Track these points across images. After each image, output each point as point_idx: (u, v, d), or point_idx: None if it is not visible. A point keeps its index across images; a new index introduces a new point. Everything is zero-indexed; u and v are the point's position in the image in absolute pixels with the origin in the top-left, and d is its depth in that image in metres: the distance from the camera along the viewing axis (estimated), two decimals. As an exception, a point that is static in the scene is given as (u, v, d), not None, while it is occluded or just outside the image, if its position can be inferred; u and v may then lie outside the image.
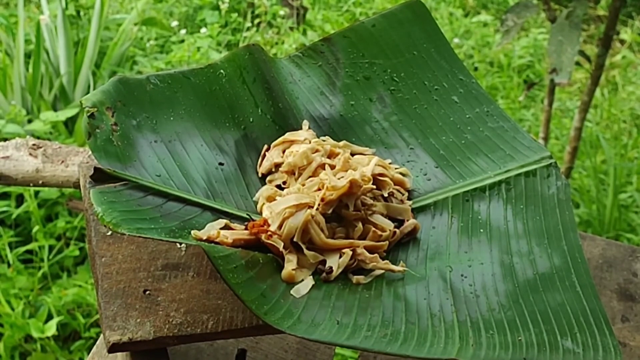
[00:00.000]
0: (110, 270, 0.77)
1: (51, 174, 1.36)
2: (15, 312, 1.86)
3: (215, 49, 3.16)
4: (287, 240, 0.76)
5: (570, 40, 1.78)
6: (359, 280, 0.76)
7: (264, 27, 3.44)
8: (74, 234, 2.14)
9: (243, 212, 0.81)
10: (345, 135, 0.94)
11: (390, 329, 0.70)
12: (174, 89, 0.87)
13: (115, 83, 0.83)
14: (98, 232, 0.80)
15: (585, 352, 0.72)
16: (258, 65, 0.93)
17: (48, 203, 2.19)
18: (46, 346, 1.85)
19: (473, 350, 0.69)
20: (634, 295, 0.94)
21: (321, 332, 0.68)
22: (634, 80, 3.42)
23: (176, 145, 0.84)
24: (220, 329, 0.73)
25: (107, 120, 0.80)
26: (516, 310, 0.75)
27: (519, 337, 0.71)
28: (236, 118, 0.90)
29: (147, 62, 3.05)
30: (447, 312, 0.74)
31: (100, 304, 0.74)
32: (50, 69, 2.75)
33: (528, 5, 1.94)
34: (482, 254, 0.81)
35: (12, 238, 2.11)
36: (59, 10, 2.73)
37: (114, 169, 0.76)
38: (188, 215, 0.77)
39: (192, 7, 3.66)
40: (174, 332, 0.72)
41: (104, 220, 0.69)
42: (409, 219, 0.84)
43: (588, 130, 2.84)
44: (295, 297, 0.72)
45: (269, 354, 0.96)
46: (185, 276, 0.77)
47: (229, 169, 0.86)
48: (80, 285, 1.97)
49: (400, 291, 0.76)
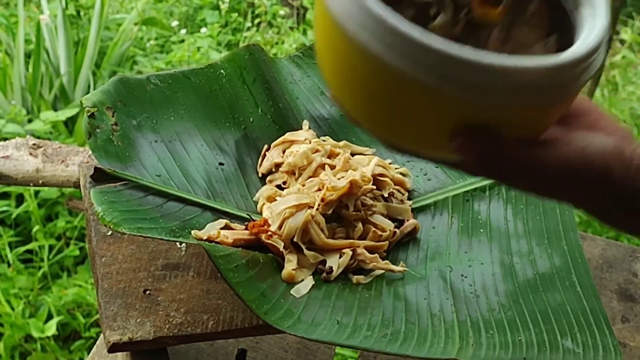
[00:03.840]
0: (110, 270, 0.77)
1: (51, 174, 1.36)
2: (15, 312, 1.86)
3: (215, 49, 3.16)
4: (287, 240, 0.76)
5: (570, 40, 1.78)
6: (359, 280, 0.76)
7: (264, 27, 3.44)
8: (74, 234, 2.14)
9: (243, 212, 0.81)
10: (345, 135, 0.94)
11: (390, 328, 0.70)
12: (174, 89, 0.87)
13: (115, 83, 0.83)
14: (98, 232, 0.80)
15: (585, 352, 0.72)
16: (258, 65, 0.93)
17: (48, 203, 2.19)
18: (46, 346, 1.85)
19: (473, 350, 0.69)
20: (634, 295, 0.94)
21: (321, 332, 0.68)
22: (634, 80, 3.42)
23: (176, 145, 0.84)
24: (220, 329, 0.73)
25: (107, 120, 0.80)
26: (516, 310, 0.75)
27: (519, 337, 0.71)
28: (236, 118, 0.90)
29: (147, 62, 3.04)
30: (447, 312, 0.74)
31: (100, 304, 0.74)
32: (50, 68, 2.75)
33: (528, 5, 1.93)
34: (482, 254, 0.81)
35: (12, 238, 2.11)
36: (59, 10, 2.72)
37: (114, 168, 0.76)
38: (188, 215, 0.77)
39: (192, 7, 3.66)
40: (174, 332, 0.72)
41: (105, 220, 0.69)
42: (409, 219, 0.84)
43: (588, 130, 2.84)
44: (295, 297, 0.72)
45: (269, 354, 0.96)
46: (185, 276, 0.77)
47: (229, 169, 0.86)
48: (80, 285, 1.97)
49: (400, 291, 0.76)
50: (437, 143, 0.46)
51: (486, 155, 0.43)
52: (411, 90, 0.40)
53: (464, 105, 0.40)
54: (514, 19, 0.43)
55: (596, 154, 0.45)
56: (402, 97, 0.42)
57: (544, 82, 0.40)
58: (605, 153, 0.45)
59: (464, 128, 0.42)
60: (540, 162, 0.43)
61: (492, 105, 0.40)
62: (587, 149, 0.45)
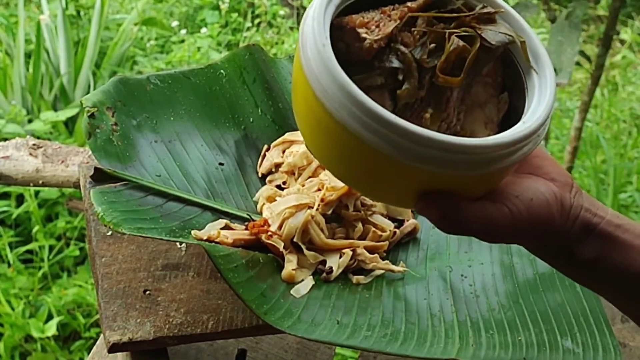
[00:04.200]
0: (110, 270, 0.77)
1: (51, 174, 1.36)
2: (15, 312, 1.86)
3: (215, 49, 3.16)
4: (287, 240, 0.76)
5: (570, 40, 1.79)
6: (359, 280, 0.76)
7: (264, 27, 3.44)
8: (74, 234, 2.14)
9: (243, 212, 0.81)
10: (345, 135, 0.94)
11: (390, 328, 0.70)
12: (174, 89, 0.87)
13: (115, 83, 0.83)
14: (98, 232, 0.80)
15: (585, 352, 0.72)
16: (258, 65, 0.93)
17: (48, 203, 2.19)
18: (46, 346, 1.85)
19: (473, 350, 0.69)
20: (634, 295, 0.94)
21: (321, 332, 0.68)
22: (634, 80, 3.42)
23: (176, 145, 0.84)
24: (220, 329, 0.73)
25: (107, 120, 0.80)
26: (516, 310, 0.75)
27: (519, 337, 0.71)
28: (236, 118, 0.90)
29: (147, 62, 3.05)
30: (447, 312, 0.74)
31: (100, 304, 0.74)
32: (50, 68, 2.75)
33: (528, 5, 1.93)
34: (482, 254, 0.81)
35: (12, 238, 2.11)
36: (59, 10, 2.73)
37: (114, 169, 0.77)
38: (188, 215, 0.78)
39: (193, 7, 3.66)
40: (174, 332, 0.72)
41: (105, 220, 0.69)
42: (409, 219, 0.84)
43: (588, 130, 2.84)
44: (295, 297, 0.72)
45: (269, 354, 0.96)
46: (185, 276, 0.77)
47: (229, 169, 0.86)
48: (80, 285, 1.97)
49: (400, 291, 0.76)
50: (405, 203, 0.53)
51: (445, 216, 0.48)
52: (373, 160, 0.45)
53: (420, 175, 0.45)
54: (472, 79, 0.48)
55: (541, 205, 0.49)
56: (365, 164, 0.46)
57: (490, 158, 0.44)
58: (549, 203, 0.49)
59: (423, 194, 0.47)
60: (494, 220, 0.48)
61: (444, 176, 0.45)
62: (534, 202, 0.49)
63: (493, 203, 0.48)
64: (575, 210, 0.50)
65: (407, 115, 0.46)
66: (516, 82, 0.49)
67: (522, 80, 0.49)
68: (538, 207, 0.48)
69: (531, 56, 0.49)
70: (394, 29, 0.46)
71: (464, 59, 0.46)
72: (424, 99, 0.45)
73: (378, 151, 0.43)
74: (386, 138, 0.42)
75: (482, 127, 0.48)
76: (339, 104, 0.42)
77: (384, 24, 0.46)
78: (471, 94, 0.48)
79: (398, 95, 0.45)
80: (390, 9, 0.47)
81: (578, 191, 0.52)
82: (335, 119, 0.43)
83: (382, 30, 0.46)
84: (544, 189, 0.49)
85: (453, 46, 0.45)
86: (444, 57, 0.45)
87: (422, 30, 0.46)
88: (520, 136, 0.45)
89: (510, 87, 0.50)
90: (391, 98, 0.46)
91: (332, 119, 0.43)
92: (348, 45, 0.46)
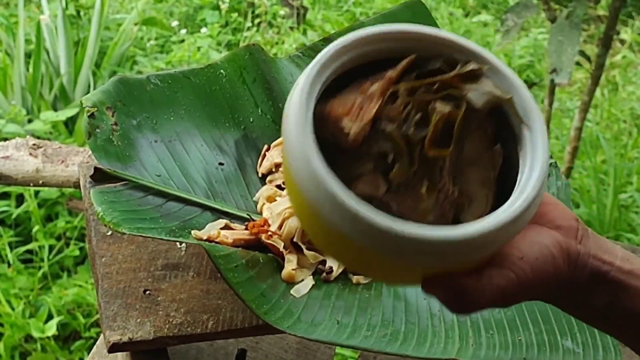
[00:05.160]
0: (110, 270, 0.77)
1: (51, 174, 1.36)
2: (15, 312, 1.86)
3: (215, 49, 3.16)
4: (287, 240, 0.76)
5: (570, 40, 1.79)
6: (359, 280, 0.76)
7: (264, 27, 3.44)
8: (74, 234, 2.14)
9: (243, 212, 0.81)
10: (345, 135, 0.94)
11: (390, 329, 0.70)
12: (174, 89, 0.87)
13: (115, 83, 0.83)
14: (98, 232, 0.80)
15: (585, 352, 0.72)
16: (258, 65, 0.93)
17: (48, 203, 2.19)
18: (46, 346, 1.85)
19: (473, 350, 0.69)
20: (634, 295, 0.94)
21: (321, 332, 0.68)
22: (634, 80, 3.42)
23: (176, 145, 0.84)
24: (220, 329, 0.73)
25: (107, 120, 0.80)
26: (516, 310, 0.75)
27: (519, 337, 0.71)
28: (236, 118, 0.90)
29: (147, 62, 3.05)
30: (447, 312, 0.74)
31: (100, 304, 0.74)
32: (50, 68, 2.75)
33: (528, 5, 1.94)
34: (482, 254, 0.81)
35: (12, 238, 2.11)
36: (59, 10, 2.73)
37: (114, 169, 0.76)
38: (188, 215, 0.77)
39: (193, 7, 3.66)
40: (174, 332, 0.72)
41: (104, 220, 0.69)
42: (409, 219, 0.84)
43: (588, 130, 2.84)
44: (295, 297, 0.72)
45: (269, 354, 0.96)
46: (185, 276, 0.77)
47: (229, 169, 0.86)
48: (80, 285, 1.97)
49: (400, 291, 0.76)
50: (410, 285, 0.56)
51: (451, 299, 0.47)
52: (366, 257, 0.44)
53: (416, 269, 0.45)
54: (462, 141, 0.46)
55: (546, 261, 0.47)
56: (358, 260, 0.46)
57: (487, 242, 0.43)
58: (554, 258, 0.48)
59: (425, 280, 0.46)
60: (502, 289, 0.46)
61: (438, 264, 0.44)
62: (539, 260, 0.47)
63: (498, 270, 0.46)
64: (583, 258, 0.49)
65: (403, 193, 0.44)
66: (507, 132, 0.48)
67: (513, 132, 0.47)
68: (544, 264, 0.47)
69: (520, 111, 0.47)
70: (377, 111, 0.44)
71: (453, 122, 0.45)
72: (417, 173, 0.44)
73: (368, 249, 0.42)
74: (374, 241, 0.42)
75: (479, 187, 0.46)
76: (330, 212, 0.42)
77: (366, 107, 0.45)
78: (464, 157, 0.46)
79: (390, 178, 0.44)
80: (370, 84, 0.45)
81: (584, 234, 0.50)
82: (327, 222, 0.42)
83: (365, 115, 0.44)
84: (548, 241, 0.48)
85: (438, 117, 0.44)
86: (432, 129, 0.44)
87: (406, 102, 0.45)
88: (518, 213, 0.43)
89: (503, 136, 0.48)
90: (384, 179, 0.44)
91: (325, 221, 0.42)
92: (334, 135, 0.45)
